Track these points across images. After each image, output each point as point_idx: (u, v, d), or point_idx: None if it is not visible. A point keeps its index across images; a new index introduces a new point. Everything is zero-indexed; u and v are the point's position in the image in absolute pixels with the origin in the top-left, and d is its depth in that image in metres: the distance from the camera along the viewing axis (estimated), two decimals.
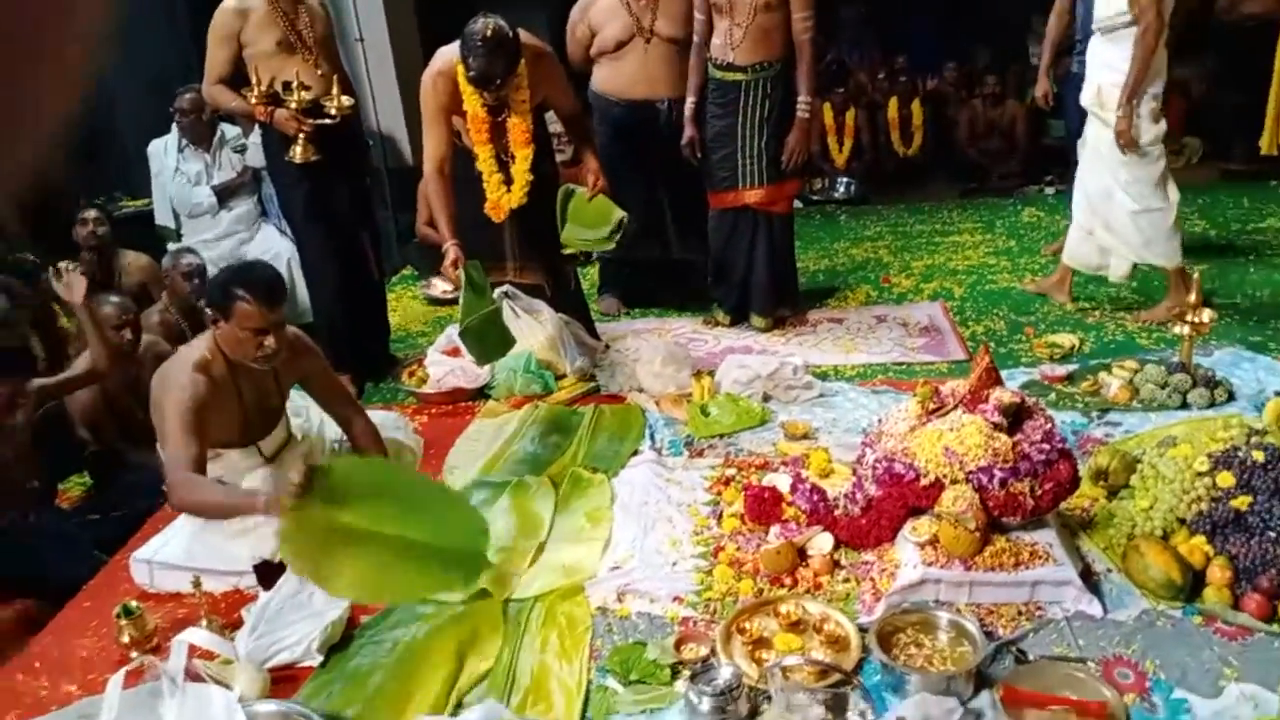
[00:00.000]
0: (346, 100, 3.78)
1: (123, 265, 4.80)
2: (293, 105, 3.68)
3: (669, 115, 4.48)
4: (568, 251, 4.10)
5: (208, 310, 2.64)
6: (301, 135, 3.70)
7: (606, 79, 4.34)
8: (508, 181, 3.77)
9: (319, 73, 3.80)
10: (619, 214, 3.95)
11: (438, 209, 3.75)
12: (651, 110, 4.48)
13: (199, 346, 2.68)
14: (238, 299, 2.55)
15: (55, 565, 2.94)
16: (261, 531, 2.73)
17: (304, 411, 3.04)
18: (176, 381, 2.55)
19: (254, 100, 3.68)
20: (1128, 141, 3.94)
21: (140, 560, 2.78)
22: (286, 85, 3.70)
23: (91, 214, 4.66)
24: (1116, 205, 4.10)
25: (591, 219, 4.01)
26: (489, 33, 3.43)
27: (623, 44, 4.33)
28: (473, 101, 3.64)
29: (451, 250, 3.66)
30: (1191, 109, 7.59)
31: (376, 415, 3.30)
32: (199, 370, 2.58)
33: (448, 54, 3.68)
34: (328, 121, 3.73)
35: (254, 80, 3.69)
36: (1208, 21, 6.96)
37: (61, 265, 3.37)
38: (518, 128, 3.70)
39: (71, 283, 3.35)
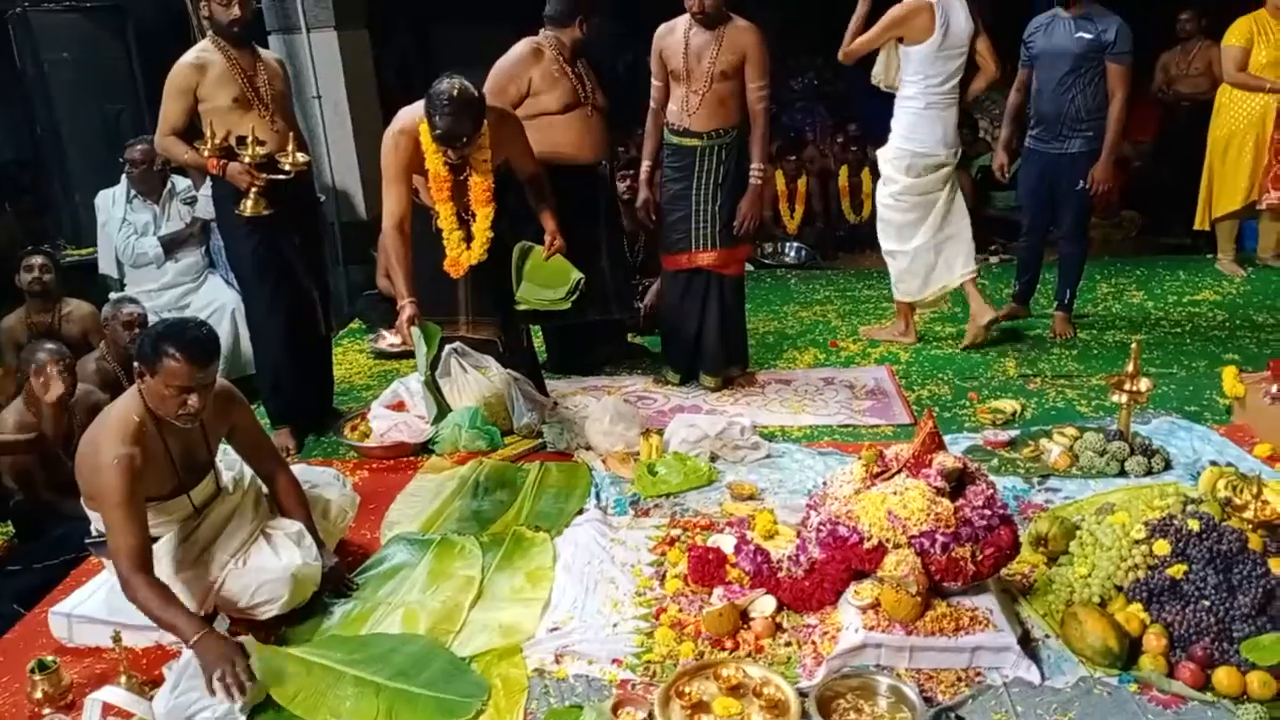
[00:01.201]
0: (302, 156, 3.77)
1: (64, 313, 4.71)
2: (246, 159, 3.66)
3: (608, 177, 4.57)
4: (522, 309, 4.08)
5: (136, 363, 2.58)
6: (253, 190, 3.68)
7: (548, 141, 4.33)
8: (468, 239, 3.78)
9: (274, 129, 3.79)
10: (576, 275, 3.96)
11: (395, 266, 3.75)
12: (594, 173, 4.54)
13: (127, 406, 2.61)
14: (166, 355, 2.50)
15: None
16: (181, 587, 2.66)
17: (236, 464, 2.97)
18: (109, 459, 2.48)
19: (207, 153, 3.66)
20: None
21: (59, 614, 2.69)
22: (241, 140, 3.69)
23: (37, 260, 4.58)
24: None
25: (548, 278, 4.01)
26: (455, 93, 3.47)
27: (569, 108, 4.37)
28: (434, 160, 3.66)
29: (408, 307, 3.67)
30: (1130, 184, 7.84)
31: (314, 470, 3.24)
32: (131, 441, 2.51)
33: (410, 113, 3.71)
34: (281, 177, 3.72)
35: (208, 134, 3.68)
36: (1141, 100, 7.22)
37: (45, 361, 3.46)
38: (479, 186, 3.73)
39: (50, 383, 3.45)
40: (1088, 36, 4.53)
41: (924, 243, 4.73)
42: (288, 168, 3.72)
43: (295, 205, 3.91)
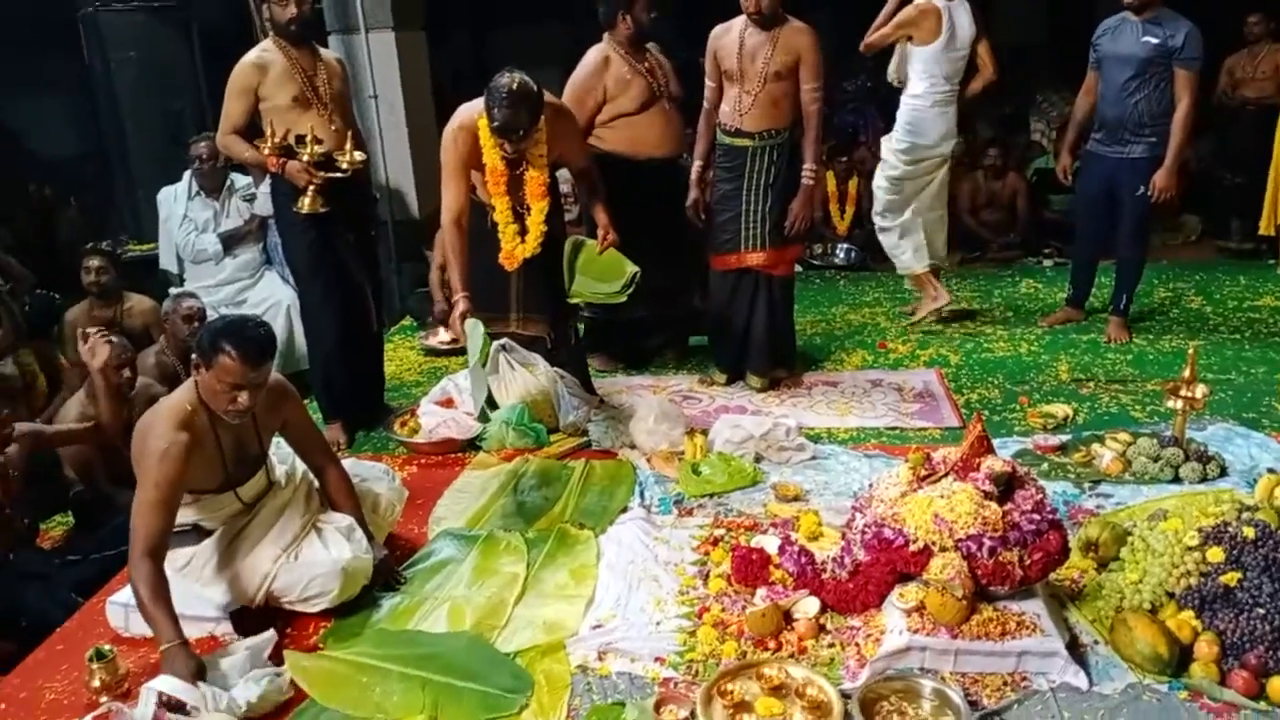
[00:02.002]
0: (359, 155, 3.83)
1: (126, 308, 4.84)
2: (305, 158, 3.73)
3: (687, 170, 4.58)
4: (575, 301, 4.12)
5: (194, 356, 2.64)
6: (311, 187, 3.75)
7: (628, 139, 4.40)
8: (522, 232, 3.86)
9: (333, 128, 3.86)
10: (632, 268, 3.99)
11: (452, 260, 3.86)
12: (675, 168, 4.58)
13: (182, 396, 2.67)
14: (222, 351, 2.55)
15: (31, 606, 2.91)
16: (235, 578, 2.72)
17: (290, 458, 3.03)
18: (157, 444, 2.53)
19: (267, 151, 3.74)
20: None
21: (117, 604, 2.75)
22: (300, 138, 3.76)
23: (94, 261, 4.71)
24: None
25: (602, 272, 4.05)
26: (515, 86, 3.57)
27: (646, 105, 4.42)
28: (492, 155, 3.75)
29: (461, 301, 3.77)
30: (1190, 188, 7.68)
31: (364, 464, 3.29)
32: (181, 427, 2.56)
33: (470, 109, 3.79)
34: (338, 175, 3.79)
35: (268, 132, 3.75)
36: (1208, 104, 7.08)
37: (90, 330, 3.50)
38: (535, 180, 3.81)
39: (95, 349, 3.47)
40: (1155, 41, 4.46)
41: (910, 218, 5.05)
42: (345, 166, 3.78)
43: (351, 203, 3.97)
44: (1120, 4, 4.61)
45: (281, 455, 3.01)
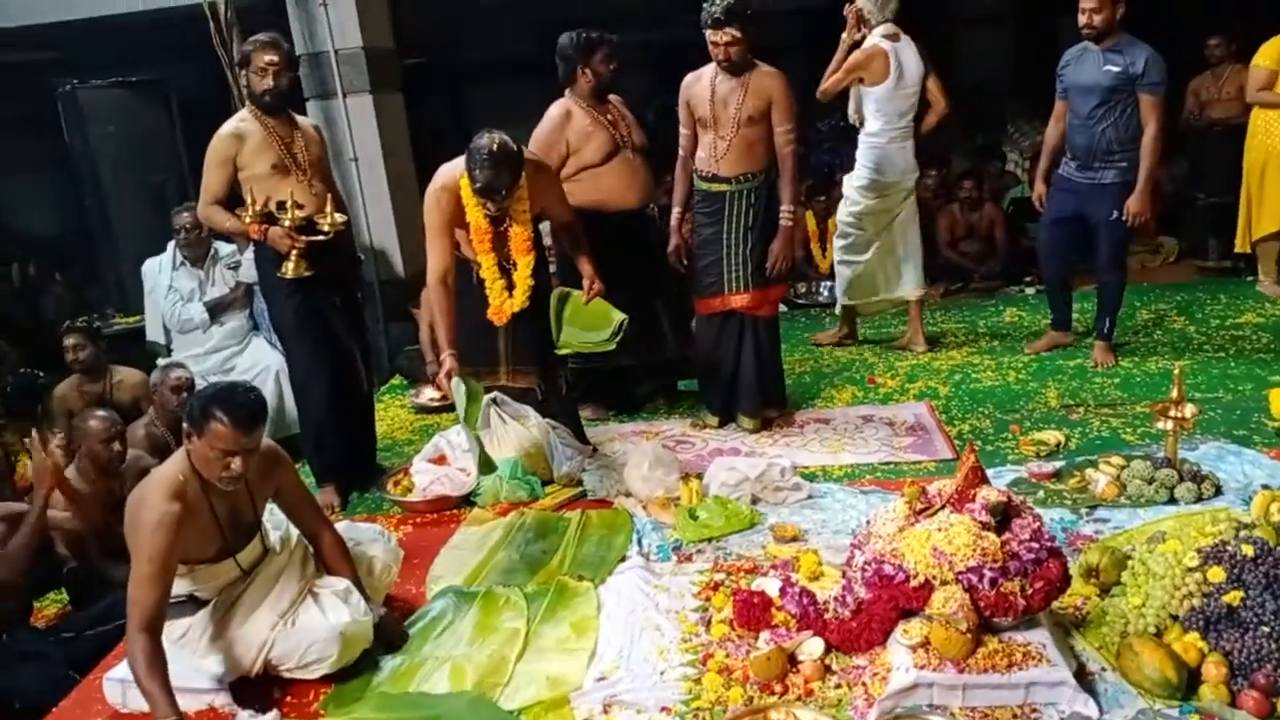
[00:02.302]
0: (339, 217, 3.86)
1: (115, 381, 4.83)
2: (286, 223, 3.76)
3: (658, 221, 4.62)
4: (564, 352, 4.12)
5: (184, 425, 2.63)
6: (294, 252, 3.78)
7: (594, 191, 4.44)
8: (510, 288, 3.89)
9: (313, 192, 3.89)
10: (619, 316, 4.00)
11: (439, 318, 3.89)
12: (643, 217, 4.61)
13: (174, 467, 2.66)
14: (213, 419, 2.54)
15: (27, 687, 2.87)
16: (233, 647, 2.69)
17: (284, 524, 3.01)
18: (149, 515, 2.52)
19: (248, 220, 3.77)
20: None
21: (114, 679, 2.72)
22: (281, 204, 3.79)
23: (71, 340, 4.70)
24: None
25: (590, 322, 4.06)
26: (495, 147, 3.61)
27: (610, 157, 4.46)
28: (475, 213, 3.79)
29: (448, 360, 3.78)
30: (1167, 210, 7.78)
31: (358, 526, 3.27)
32: (173, 498, 2.55)
33: (451, 169, 3.84)
34: (320, 238, 3.81)
35: (249, 200, 3.78)
36: (1177, 126, 7.20)
37: (53, 446, 3.40)
38: (519, 236, 3.85)
39: (43, 462, 3.32)
40: (1116, 69, 4.54)
41: (875, 256, 5.28)
42: (326, 229, 3.81)
43: (335, 266, 3.99)
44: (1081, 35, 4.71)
45: (275, 521, 2.99)
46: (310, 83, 6.34)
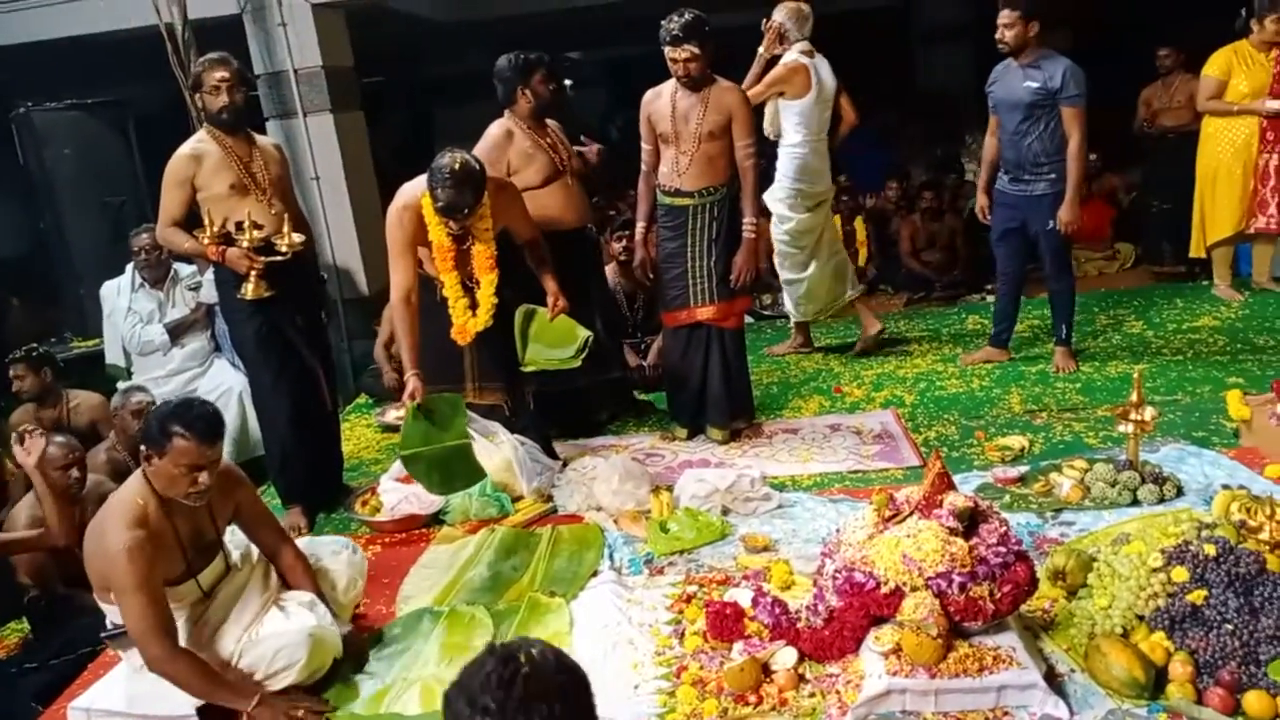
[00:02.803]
0: (298, 237, 3.82)
1: (72, 406, 4.75)
2: (245, 244, 3.72)
3: (594, 239, 4.65)
4: (529, 369, 4.10)
5: (143, 448, 2.59)
6: (253, 273, 3.74)
7: (533, 211, 4.41)
8: (473, 306, 3.86)
9: (272, 212, 3.85)
10: (584, 333, 3.99)
11: (402, 339, 3.84)
12: (582, 237, 4.63)
13: (131, 491, 2.62)
14: (175, 435, 2.52)
15: None
16: None
17: (245, 541, 2.98)
18: (118, 546, 2.49)
19: (207, 241, 3.73)
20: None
21: (78, 709, 2.68)
22: (239, 225, 3.76)
23: (14, 370, 4.60)
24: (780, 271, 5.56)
25: (556, 338, 4.04)
26: (457, 166, 3.59)
27: (550, 180, 4.46)
28: (438, 231, 3.77)
29: (411, 380, 3.74)
30: (1122, 217, 7.92)
31: (319, 541, 3.24)
32: (136, 524, 2.52)
33: (412, 189, 3.81)
34: (279, 258, 3.78)
35: (207, 221, 3.75)
36: (1128, 135, 7.35)
37: (25, 429, 3.38)
38: (482, 254, 3.83)
39: (30, 447, 3.32)
40: (1035, 84, 4.64)
41: (819, 270, 5.41)
42: (284, 249, 3.78)
43: (296, 285, 3.96)
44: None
45: (237, 541, 2.96)
46: (270, 102, 6.31)
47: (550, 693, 1.39)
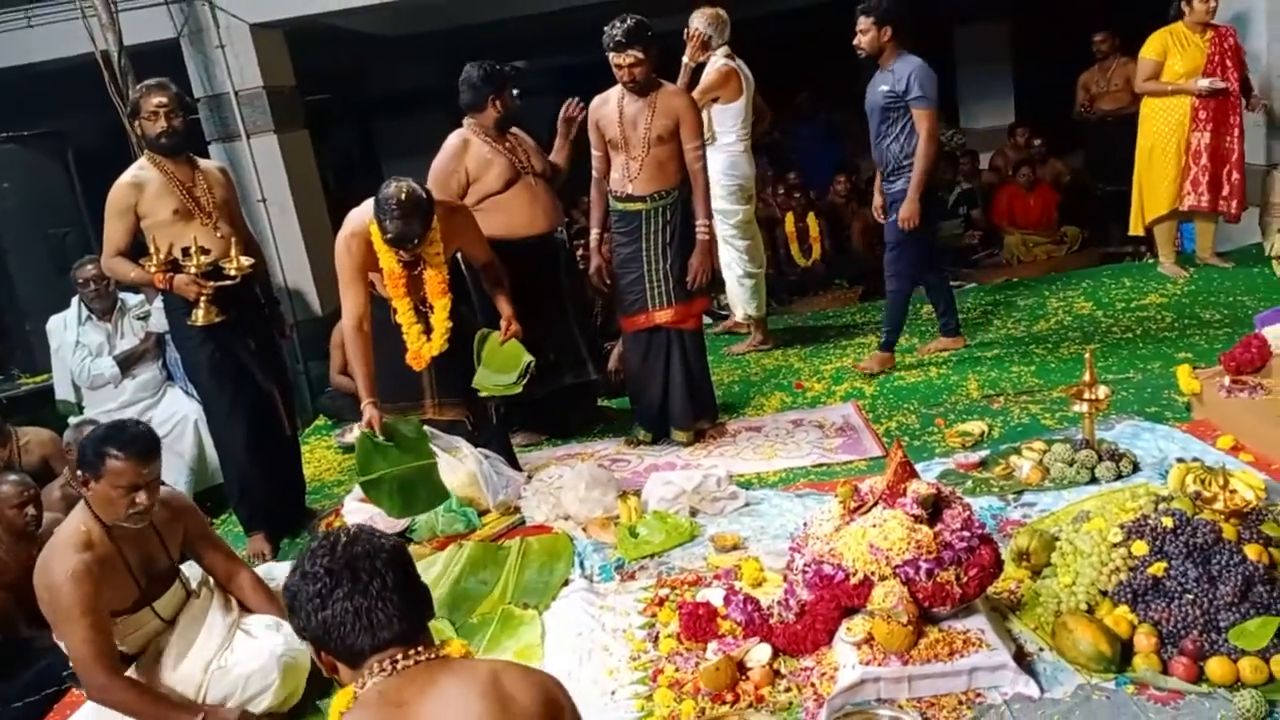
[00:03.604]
0: (246, 260, 3.78)
1: (22, 444, 4.65)
2: (192, 270, 3.67)
3: (565, 242, 4.67)
4: (482, 395, 4.06)
5: (80, 473, 2.57)
6: (202, 298, 3.69)
7: (500, 217, 4.41)
8: (427, 331, 3.82)
9: (218, 235, 3.80)
10: (526, 358, 3.95)
11: (356, 367, 3.78)
12: (553, 242, 4.60)
13: (73, 521, 2.59)
14: (110, 457, 2.50)
15: None
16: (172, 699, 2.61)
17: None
18: (62, 572, 2.46)
19: (153, 269, 3.67)
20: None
21: None
22: (186, 250, 3.70)
23: None
24: (730, 272, 5.64)
25: (502, 364, 3.99)
26: (404, 196, 3.52)
27: (511, 183, 4.44)
28: (388, 258, 3.71)
29: (368, 410, 3.68)
30: (1068, 201, 8.07)
31: (277, 566, 3.21)
32: (81, 549, 2.49)
33: (360, 215, 3.76)
34: (227, 283, 3.73)
35: (152, 249, 3.69)
36: (1069, 120, 7.48)
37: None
38: (434, 279, 3.78)
39: None
40: (887, 88, 4.74)
41: (754, 265, 5.61)
42: (233, 272, 3.74)
43: (247, 309, 3.91)
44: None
45: (196, 571, 2.93)
46: (211, 125, 6.23)
47: (373, 551, 1.56)
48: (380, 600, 1.52)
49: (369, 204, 3.67)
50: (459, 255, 4.04)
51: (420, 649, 1.55)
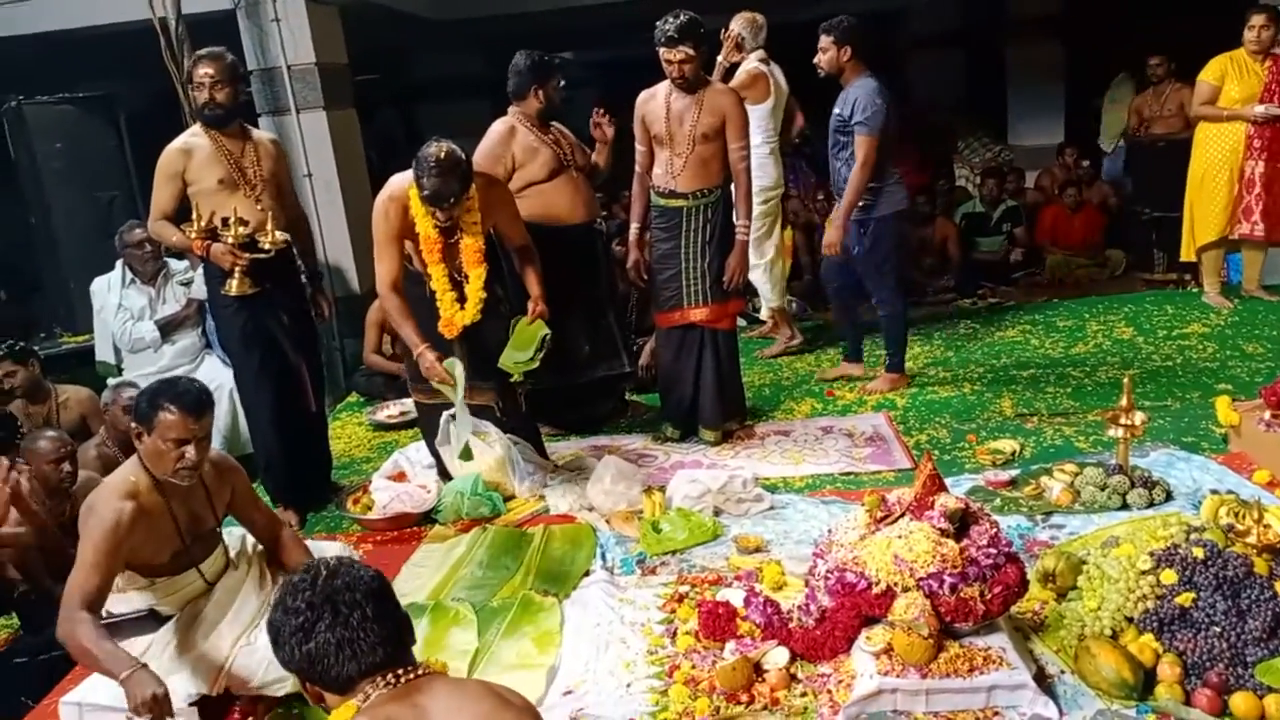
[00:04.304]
0: (281, 235, 3.82)
1: (61, 400, 4.73)
2: (229, 240, 3.72)
3: (604, 233, 4.69)
4: (513, 380, 4.07)
5: (133, 425, 2.61)
6: (237, 269, 3.74)
7: (541, 206, 4.44)
8: (461, 300, 3.84)
9: (259, 208, 3.84)
10: (543, 331, 3.97)
11: (400, 321, 3.83)
12: (592, 232, 4.62)
13: (125, 471, 2.65)
14: (162, 409, 2.55)
15: None
16: (195, 665, 2.64)
17: (241, 539, 2.98)
18: (100, 510, 2.52)
19: (193, 235, 3.73)
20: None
21: (70, 703, 2.66)
22: (225, 220, 3.75)
23: (4, 366, 4.54)
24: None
25: (522, 342, 4.03)
26: (442, 155, 3.58)
27: (554, 174, 4.47)
28: (425, 223, 3.74)
29: (426, 352, 3.74)
30: (1113, 224, 7.98)
31: (318, 544, 3.23)
32: (126, 497, 2.55)
33: (400, 180, 3.80)
34: (261, 255, 3.77)
35: (195, 216, 3.75)
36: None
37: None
38: (470, 248, 3.81)
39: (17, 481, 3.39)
40: (838, 110, 4.70)
41: (774, 254, 5.65)
42: (267, 246, 3.78)
43: (283, 283, 3.95)
44: None
45: (233, 540, 2.96)
46: (263, 99, 6.28)
47: (353, 584, 1.62)
48: (362, 630, 1.58)
49: (410, 171, 3.71)
50: (495, 238, 4.05)
51: (409, 668, 1.62)
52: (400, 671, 1.59)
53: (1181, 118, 6.67)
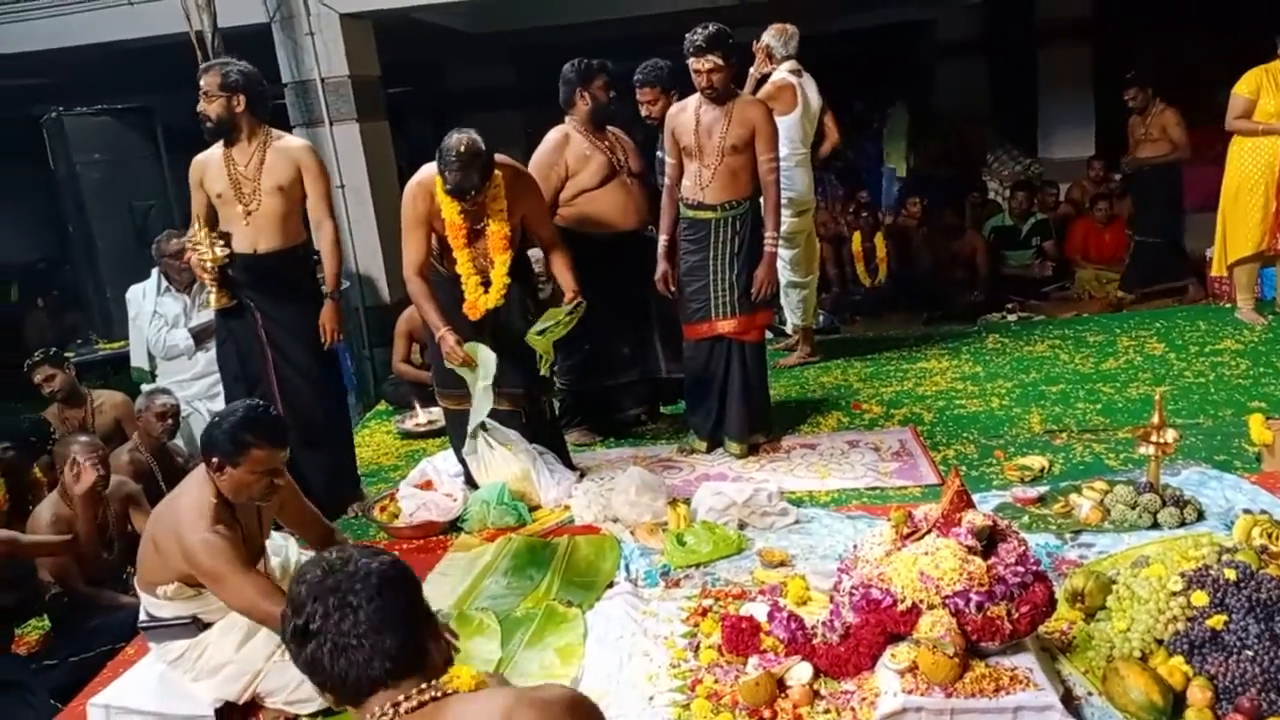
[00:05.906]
0: (221, 252, 3.84)
1: (96, 405, 4.80)
2: (201, 253, 3.81)
3: (653, 241, 4.67)
4: (542, 366, 4.05)
5: (213, 459, 2.60)
6: (210, 283, 3.81)
7: (591, 213, 4.49)
8: (485, 285, 3.90)
9: (244, 222, 3.87)
10: (578, 301, 3.97)
11: (424, 304, 3.90)
12: (640, 239, 4.65)
13: (199, 496, 2.65)
14: (251, 445, 2.57)
15: (7, 716, 2.84)
16: (226, 672, 2.67)
17: (282, 550, 3.01)
18: (201, 539, 2.56)
19: (188, 245, 3.82)
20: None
21: (98, 705, 2.70)
22: (224, 234, 3.85)
23: (40, 374, 4.64)
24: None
25: (552, 318, 4.02)
26: (463, 147, 3.63)
27: (606, 180, 4.51)
28: (450, 209, 3.80)
29: (447, 335, 3.80)
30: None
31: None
32: (215, 522, 2.59)
33: (430, 168, 3.86)
34: (208, 264, 3.83)
35: (195, 227, 3.88)
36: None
37: (77, 453, 3.49)
38: (496, 234, 3.86)
39: (81, 474, 3.44)
40: None
41: (815, 276, 5.74)
42: (208, 264, 3.83)
43: (281, 296, 3.97)
44: None
45: (275, 547, 3.00)
46: (297, 110, 6.37)
47: (371, 572, 1.53)
48: (357, 638, 1.47)
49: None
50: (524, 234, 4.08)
51: (424, 687, 1.48)
52: (414, 693, 1.46)
53: (1167, 141, 6.66)
